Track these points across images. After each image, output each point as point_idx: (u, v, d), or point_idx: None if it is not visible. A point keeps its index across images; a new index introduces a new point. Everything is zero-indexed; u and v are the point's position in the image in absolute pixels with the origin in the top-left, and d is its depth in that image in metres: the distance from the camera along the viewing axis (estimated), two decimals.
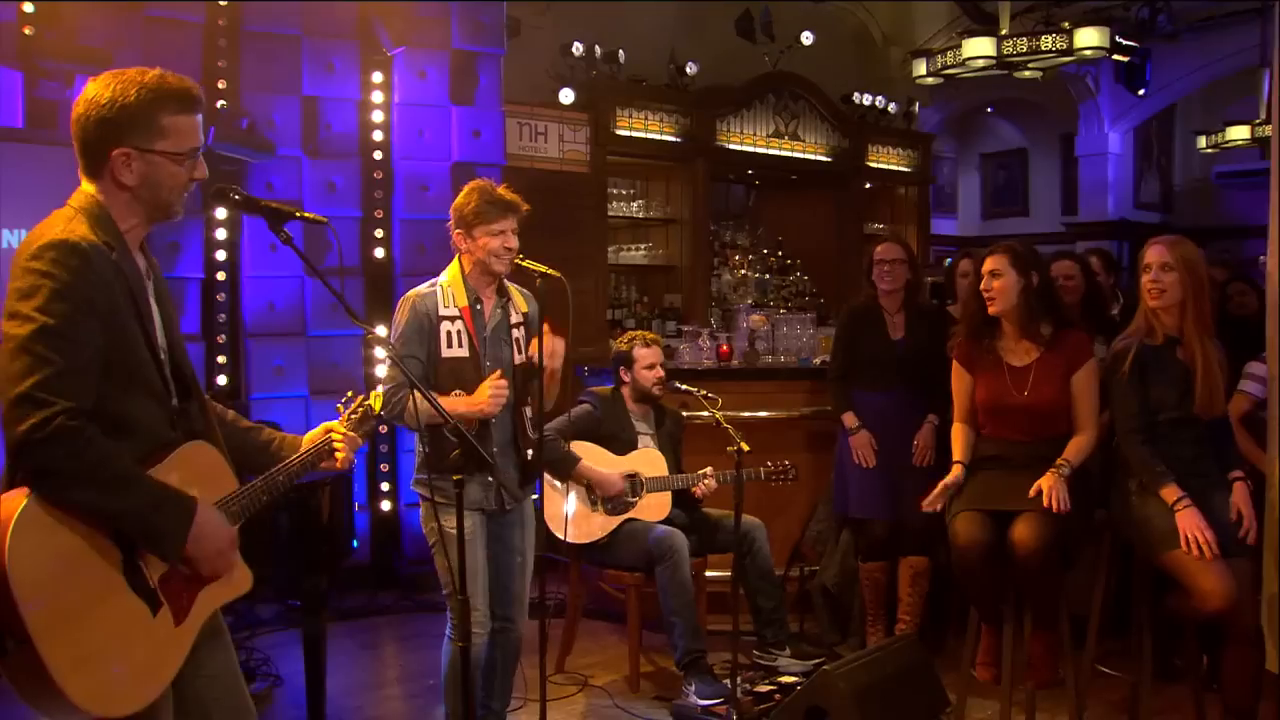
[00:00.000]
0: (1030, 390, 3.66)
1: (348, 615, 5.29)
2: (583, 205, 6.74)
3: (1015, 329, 3.72)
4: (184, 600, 2.07)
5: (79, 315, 1.92)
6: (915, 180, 9.05)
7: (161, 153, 2.06)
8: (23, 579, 1.81)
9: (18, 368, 1.88)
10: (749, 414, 5.03)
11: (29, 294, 1.91)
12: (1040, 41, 6.59)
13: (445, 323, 3.29)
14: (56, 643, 1.83)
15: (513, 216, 3.31)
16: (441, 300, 3.31)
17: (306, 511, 3.52)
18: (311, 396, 5.66)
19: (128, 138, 2.04)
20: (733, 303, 7.69)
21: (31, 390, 1.86)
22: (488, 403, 3.23)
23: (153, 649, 2.00)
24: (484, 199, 3.29)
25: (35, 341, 1.88)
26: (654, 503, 4.35)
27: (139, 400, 2.05)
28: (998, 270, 3.69)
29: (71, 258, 1.94)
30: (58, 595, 1.86)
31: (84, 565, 1.92)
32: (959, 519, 3.55)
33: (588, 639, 4.83)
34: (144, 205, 2.10)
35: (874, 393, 4.56)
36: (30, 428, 1.85)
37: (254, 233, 5.46)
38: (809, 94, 7.97)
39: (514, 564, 3.42)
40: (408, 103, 5.91)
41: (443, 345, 3.28)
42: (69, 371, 1.90)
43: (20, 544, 1.83)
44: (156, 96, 2.04)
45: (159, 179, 2.07)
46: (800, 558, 5.06)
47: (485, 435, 3.26)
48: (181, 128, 2.08)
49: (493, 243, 3.28)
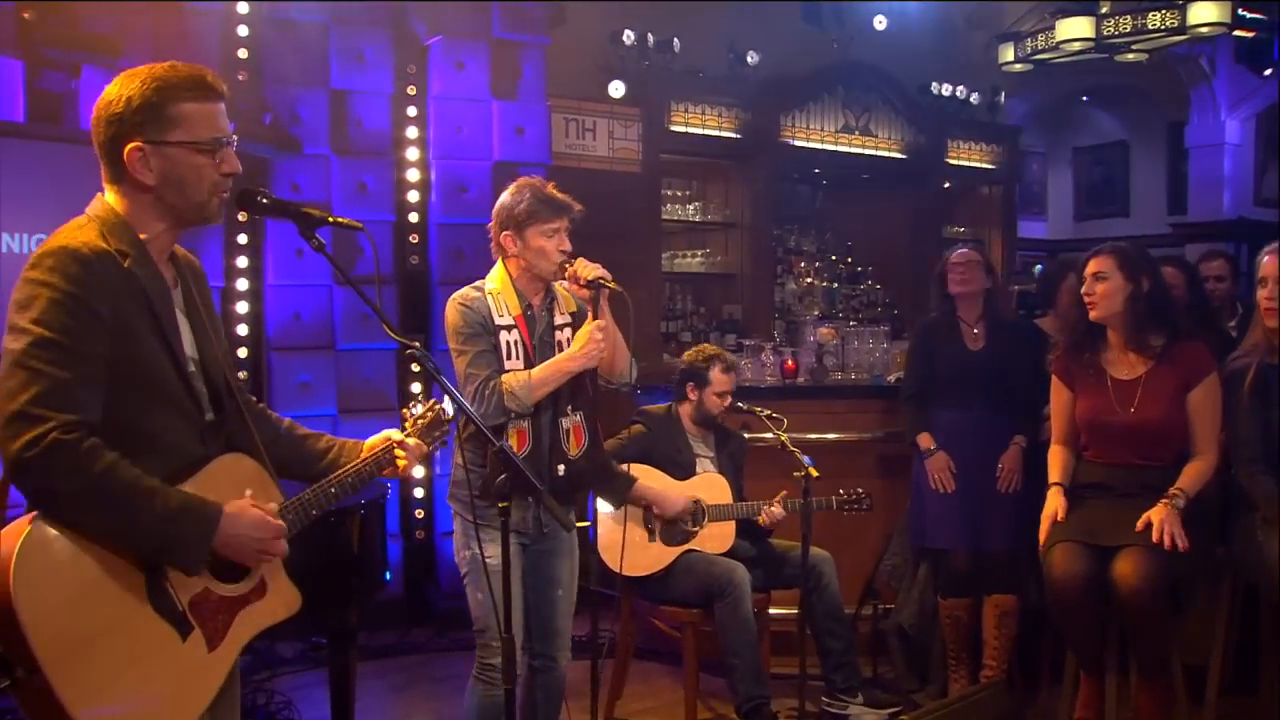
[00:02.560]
0: (1137, 407, 3.61)
1: (378, 654, 5.32)
2: (634, 208, 6.75)
3: (1121, 338, 3.67)
4: (219, 623, 2.09)
5: (79, 325, 1.95)
6: (1000, 178, 8.95)
7: (177, 143, 2.08)
8: (30, 606, 1.84)
9: (12, 384, 1.91)
10: (816, 436, 5.02)
11: (25, 305, 1.95)
12: (1147, 19, 6.44)
13: (502, 332, 3.29)
14: (68, 672, 1.86)
15: (566, 217, 3.32)
16: (495, 308, 3.31)
17: (335, 540, 3.54)
18: (340, 416, 5.71)
19: (139, 132, 2.06)
20: (798, 314, 7.65)
21: (26, 407, 1.89)
22: (582, 354, 3.24)
23: (181, 677, 2.02)
24: (536, 196, 3.30)
25: (30, 355, 1.91)
26: (716, 533, 4.32)
27: (162, 415, 2.08)
28: (1102, 273, 3.65)
29: (70, 265, 1.96)
30: (69, 622, 1.89)
31: (99, 589, 1.94)
32: (1055, 551, 3.50)
33: (639, 682, 4.81)
34: (171, 208, 2.12)
35: (952, 411, 4.53)
36: (23, 446, 1.88)
37: (278, 237, 5.53)
38: (882, 84, 7.91)
39: (554, 597, 3.41)
40: (445, 97, 5.97)
41: (502, 357, 3.29)
42: (68, 385, 1.92)
43: (26, 568, 1.86)
44: (164, 85, 2.07)
45: (182, 174, 2.09)
46: (873, 595, 5.01)
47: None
48: (195, 115, 2.09)
49: (547, 244, 3.29)
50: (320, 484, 2.33)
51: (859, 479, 4.57)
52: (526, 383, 3.20)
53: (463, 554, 3.35)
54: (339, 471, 2.38)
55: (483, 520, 3.19)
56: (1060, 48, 6.70)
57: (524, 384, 3.20)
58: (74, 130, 4.54)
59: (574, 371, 3.27)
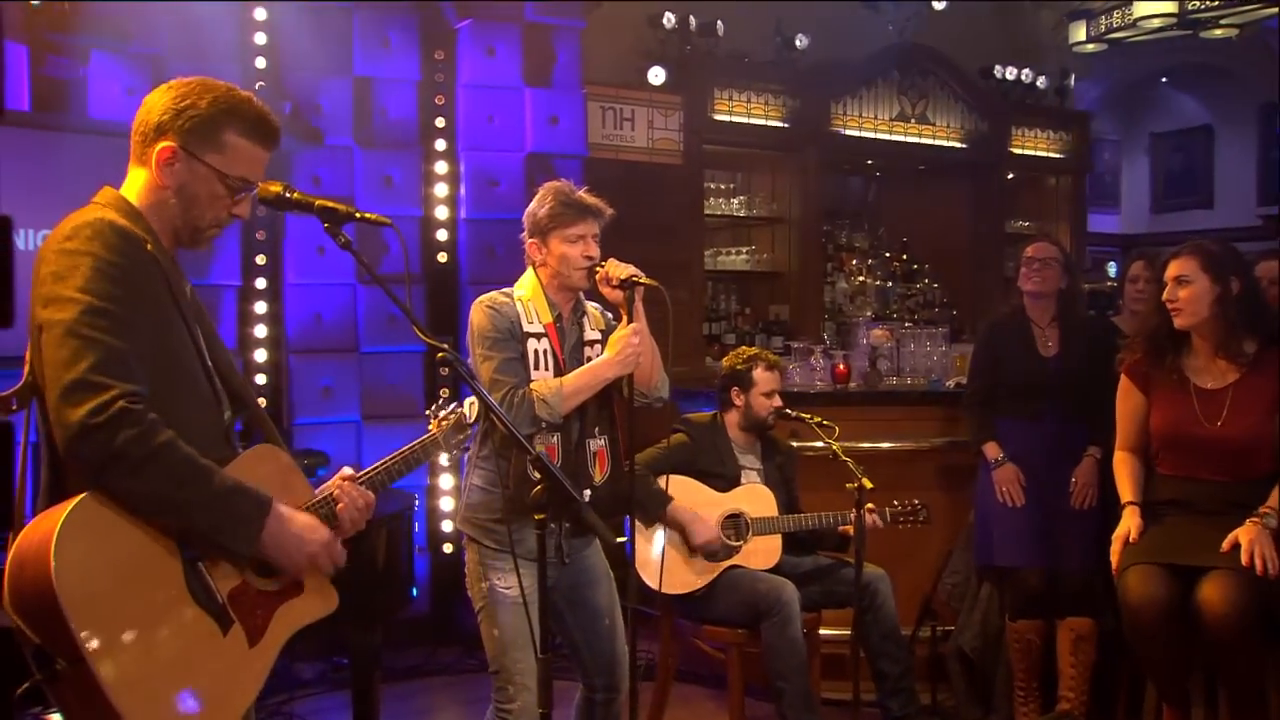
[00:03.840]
0: (1225, 420, 3.54)
1: (402, 675, 5.33)
2: (675, 202, 6.75)
3: (1209, 346, 3.61)
4: (259, 618, 2.13)
5: (127, 295, 2.00)
6: (1069, 168, 8.88)
7: (209, 165, 2.16)
8: (72, 592, 1.86)
9: (65, 354, 1.94)
10: (870, 445, 5.00)
11: (66, 274, 1.98)
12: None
13: (530, 340, 3.29)
14: (113, 662, 1.88)
15: (593, 220, 3.31)
16: (524, 315, 3.30)
17: (358, 553, 3.53)
18: (364, 422, 5.74)
19: (182, 137, 2.14)
20: (850, 315, 7.65)
21: (86, 374, 1.92)
22: (618, 359, 3.23)
23: (223, 673, 2.05)
24: (559, 200, 3.29)
25: (83, 324, 1.95)
26: (761, 548, 4.30)
27: (189, 405, 2.12)
28: (1186, 276, 3.58)
29: (110, 235, 2.02)
30: (113, 609, 1.91)
31: (143, 575, 1.97)
32: (1131, 573, 3.45)
33: (680, 706, 4.80)
34: (173, 216, 2.18)
35: (1021, 420, 4.50)
36: (88, 412, 1.91)
37: (298, 233, 5.56)
38: (941, 68, 7.88)
39: (601, 628, 3.41)
40: (475, 84, 5.98)
41: (529, 367, 3.28)
42: (125, 354, 1.96)
43: (68, 553, 1.87)
44: (231, 111, 2.18)
45: (196, 192, 2.17)
46: (932, 615, 4.98)
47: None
48: (241, 151, 2.19)
49: (570, 251, 3.28)
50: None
51: (916, 491, 4.54)
52: (558, 390, 3.19)
53: (478, 586, 3.30)
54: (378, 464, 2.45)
55: (503, 547, 3.16)
56: (1138, 25, 6.59)
57: (556, 391, 3.18)
58: (82, 120, 4.57)
59: (608, 379, 3.26)
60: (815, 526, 4.34)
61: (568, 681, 4.55)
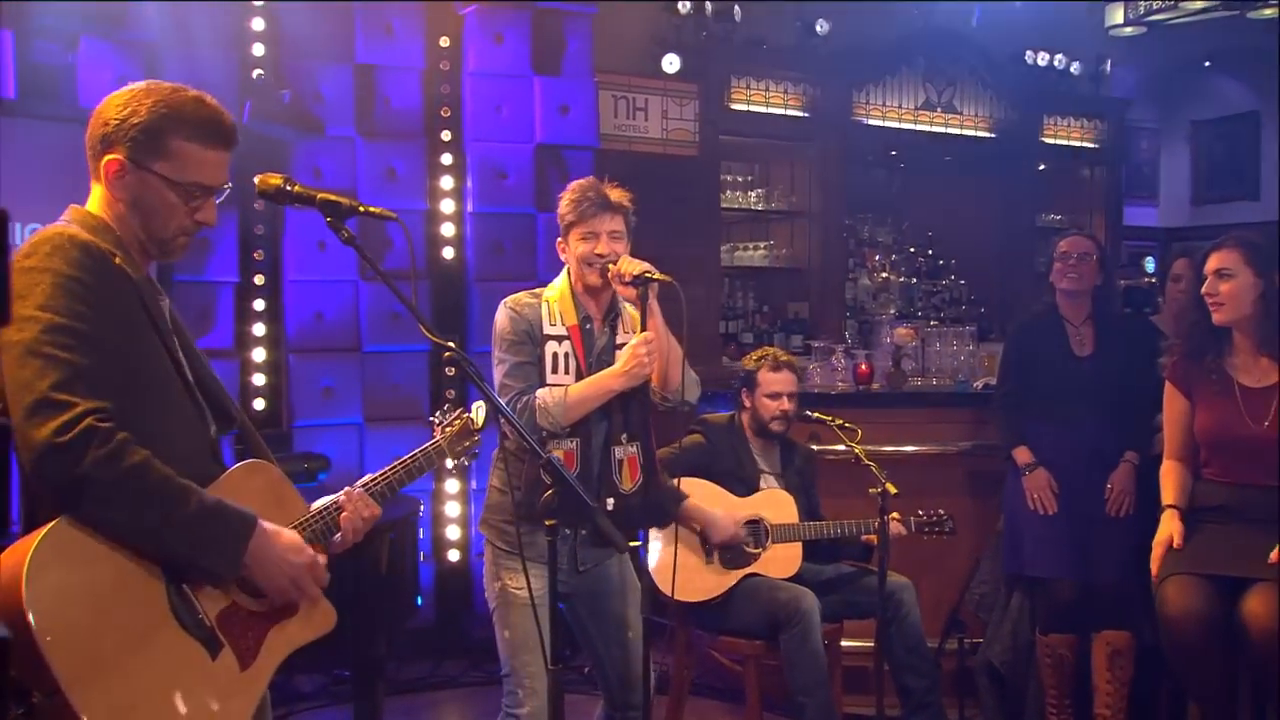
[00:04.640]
0: (1272, 420, 3.53)
1: (406, 688, 5.33)
2: (690, 195, 6.75)
3: (1251, 342, 3.60)
4: (250, 640, 2.13)
5: (87, 309, 1.99)
6: (1104, 159, 8.88)
7: (158, 174, 2.14)
8: (47, 623, 1.85)
9: (27, 374, 1.94)
10: (894, 448, 5.01)
11: (25, 293, 1.98)
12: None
13: (551, 343, 3.32)
14: (93, 693, 1.88)
15: (608, 216, 3.32)
16: (547, 316, 3.33)
17: (361, 561, 3.55)
18: (367, 424, 5.74)
19: (126, 148, 2.13)
20: (873, 313, 7.65)
21: (49, 393, 1.92)
22: (624, 372, 3.23)
23: (213, 697, 2.05)
24: (577, 194, 3.33)
25: (43, 342, 1.94)
26: (780, 555, 4.29)
27: (171, 421, 2.12)
28: (1227, 269, 3.58)
29: (70, 249, 2.01)
30: (91, 638, 1.91)
31: (123, 601, 1.97)
32: (1170, 584, 3.44)
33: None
34: (134, 229, 2.18)
35: (1054, 423, 4.49)
36: (53, 431, 1.90)
37: (298, 228, 5.56)
38: (969, 54, 7.87)
39: (625, 640, 3.42)
40: (482, 72, 5.98)
41: (547, 369, 3.30)
42: (90, 371, 1.96)
43: (41, 583, 1.87)
44: (173, 115, 2.15)
45: (150, 203, 2.16)
46: (959, 627, 4.98)
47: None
48: (190, 156, 2.16)
49: (582, 248, 3.31)
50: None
51: (942, 496, 4.55)
52: (561, 400, 3.21)
53: (493, 586, 3.36)
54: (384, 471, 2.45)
55: (514, 549, 3.19)
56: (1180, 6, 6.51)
57: (558, 401, 3.21)
58: (72, 108, 4.57)
59: (615, 390, 3.26)
60: (838, 535, 4.33)
61: (580, 695, 4.58)
